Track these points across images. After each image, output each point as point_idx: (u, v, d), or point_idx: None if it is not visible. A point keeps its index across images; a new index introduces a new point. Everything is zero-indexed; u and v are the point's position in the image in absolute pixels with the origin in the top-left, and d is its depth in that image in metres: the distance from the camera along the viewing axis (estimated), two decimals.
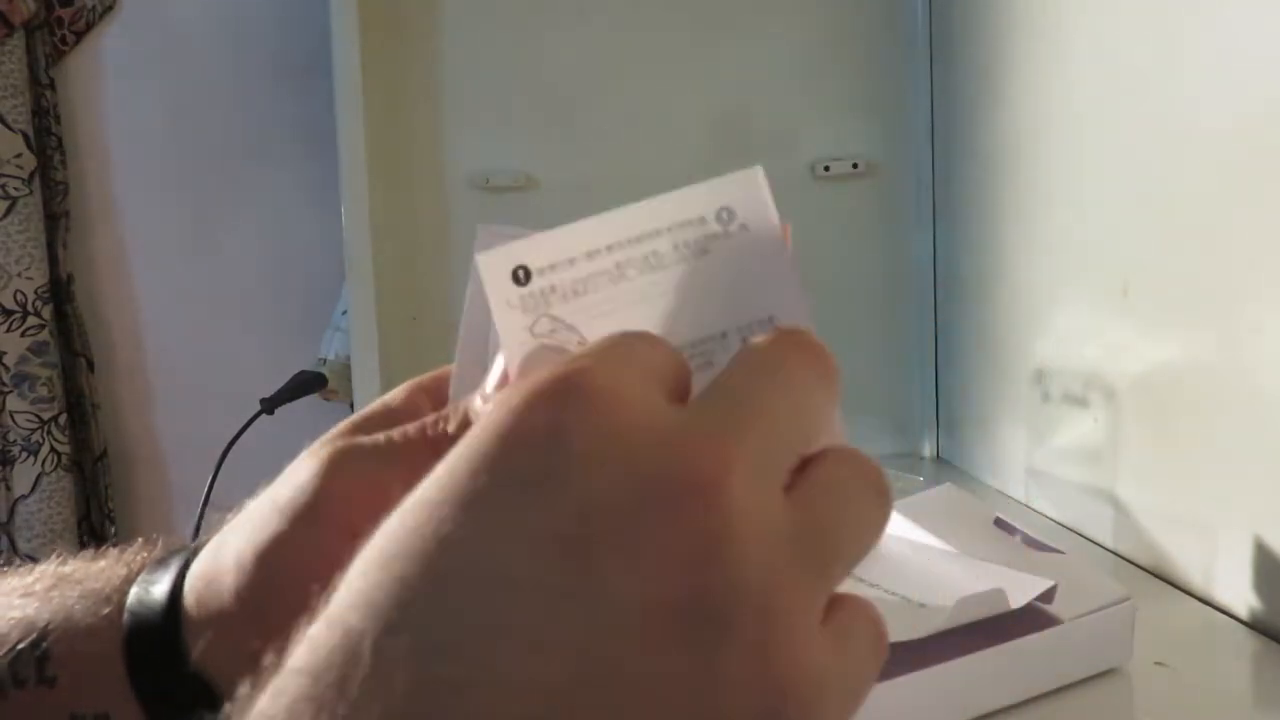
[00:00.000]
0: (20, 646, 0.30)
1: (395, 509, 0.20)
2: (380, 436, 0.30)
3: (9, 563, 0.34)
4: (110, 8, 1.37)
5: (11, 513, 1.32)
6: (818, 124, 1.23)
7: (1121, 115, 0.81)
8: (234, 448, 1.04)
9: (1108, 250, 0.83)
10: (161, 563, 0.32)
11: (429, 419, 0.30)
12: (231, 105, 1.41)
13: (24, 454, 1.32)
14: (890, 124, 1.23)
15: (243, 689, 0.19)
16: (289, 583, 0.28)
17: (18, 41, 1.30)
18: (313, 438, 0.31)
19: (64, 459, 1.33)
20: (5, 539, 1.32)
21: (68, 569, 0.33)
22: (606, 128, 1.21)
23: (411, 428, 0.30)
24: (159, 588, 0.31)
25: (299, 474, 0.30)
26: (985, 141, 1.06)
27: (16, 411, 1.32)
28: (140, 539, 0.34)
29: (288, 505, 0.29)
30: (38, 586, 0.32)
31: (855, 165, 1.22)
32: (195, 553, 0.32)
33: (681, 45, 1.22)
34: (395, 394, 0.34)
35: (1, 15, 1.28)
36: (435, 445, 0.30)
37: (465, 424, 0.29)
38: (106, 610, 0.31)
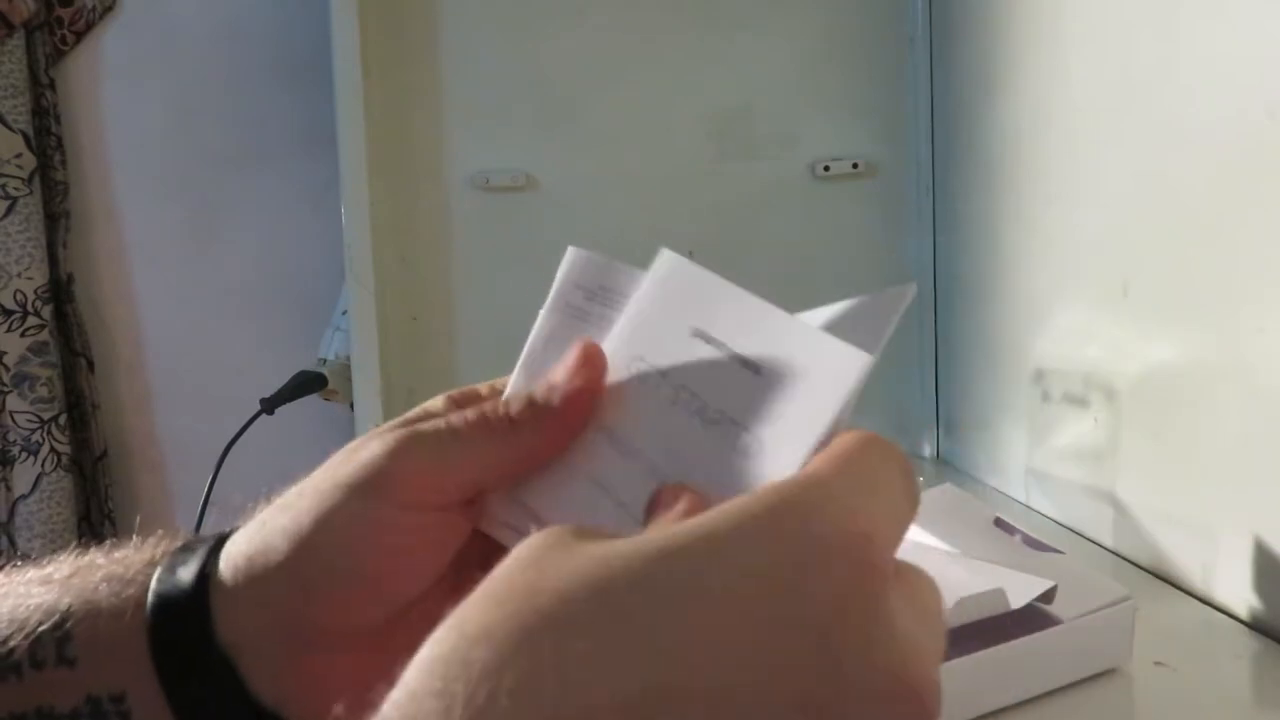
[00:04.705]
0: (41, 629, 0.31)
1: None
2: (441, 422, 0.32)
3: (9, 562, 0.34)
4: (110, 8, 1.37)
5: (11, 513, 1.32)
6: (818, 124, 1.23)
7: (1122, 115, 0.81)
8: (234, 448, 1.04)
9: (1108, 250, 0.83)
10: (186, 548, 0.33)
11: (487, 406, 0.32)
12: (231, 105, 1.41)
13: (24, 454, 1.32)
14: (890, 124, 1.23)
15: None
16: (343, 552, 0.30)
17: (18, 41, 1.30)
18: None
19: (64, 459, 1.33)
20: (5, 539, 1.32)
21: (87, 558, 0.33)
22: (606, 128, 1.21)
23: (471, 413, 0.32)
24: (186, 570, 0.31)
25: (364, 454, 0.31)
26: (985, 142, 1.06)
27: (16, 411, 1.32)
28: (160, 531, 0.34)
29: (353, 479, 0.30)
30: (57, 575, 0.33)
31: (855, 165, 1.22)
32: (225, 537, 0.32)
33: (682, 45, 1.22)
34: (434, 402, 0.35)
35: (1, 15, 1.28)
36: (493, 430, 0.32)
37: (528, 409, 0.32)
38: (129, 592, 0.31)
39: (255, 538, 0.31)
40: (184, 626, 0.30)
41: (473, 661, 0.19)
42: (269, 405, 1.09)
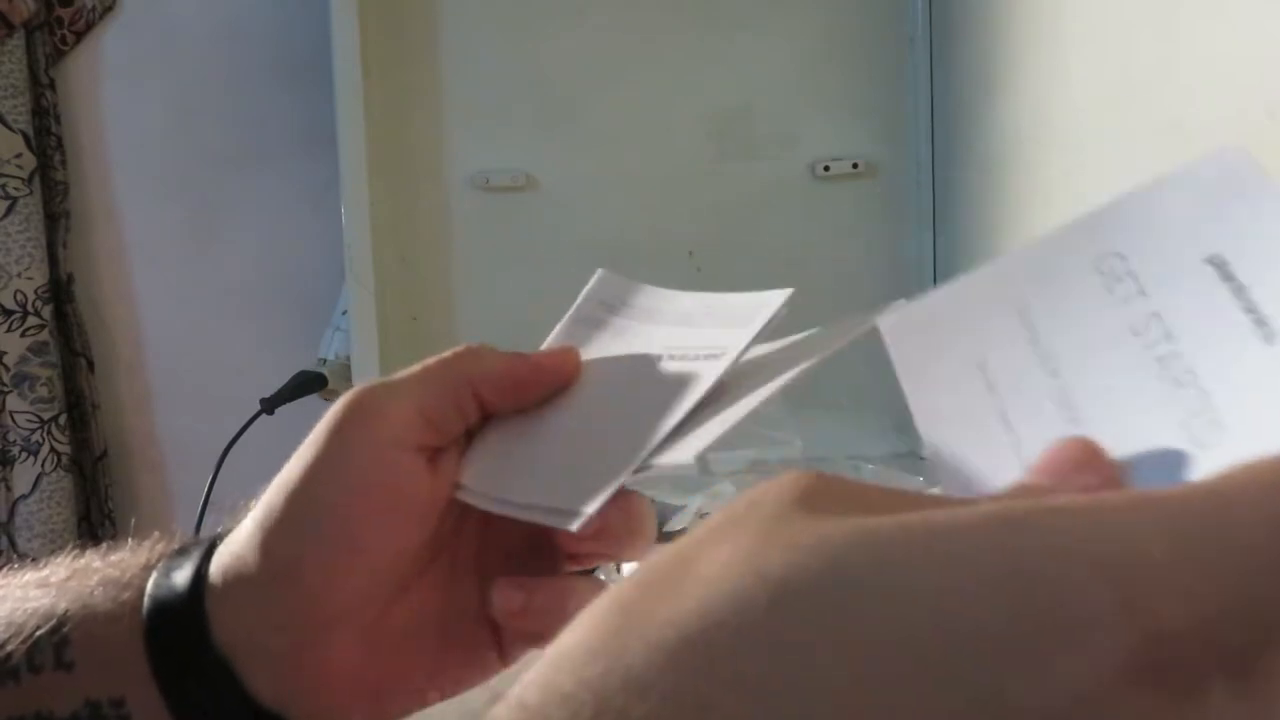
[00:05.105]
0: (39, 634, 0.31)
1: None
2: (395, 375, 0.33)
3: (9, 562, 0.34)
4: (110, 8, 1.37)
5: (11, 513, 1.32)
6: (818, 124, 1.23)
7: (1121, 114, 0.81)
8: (234, 448, 1.03)
9: None
10: (182, 552, 0.33)
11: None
12: (231, 105, 1.41)
13: (24, 454, 1.32)
14: (890, 124, 1.23)
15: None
16: (311, 507, 0.31)
17: (18, 41, 1.30)
18: None
19: (64, 459, 1.33)
20: (5, 539, 1.32)
21: (83, 561, 0.33)
22: (606, 128, 1.21)
23: (428, 361, 0.33)
24: (181, 573, 0.32)
25: (320, 423, 0.32)
26: (985, 141, 1.06)
27: (16, 411, 1.32)
28: (156, 533, 0.34)
29: (310, 444, 0.31)
30: (54, 578, 0.33)
31: (855, 165, 1.22)
32: (218, 539, 0.33)
33: (681, 45, 1.22)
34: None
35: (1, 15, 1.28)
36: (443, 370, 0.33)
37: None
38: (126, 596, 0.31)
39: (241, 536, 0.32)
40: (180, 630, 0.31)
41: (617, 669, 0.15)
42: (269, 405, 1.09)
